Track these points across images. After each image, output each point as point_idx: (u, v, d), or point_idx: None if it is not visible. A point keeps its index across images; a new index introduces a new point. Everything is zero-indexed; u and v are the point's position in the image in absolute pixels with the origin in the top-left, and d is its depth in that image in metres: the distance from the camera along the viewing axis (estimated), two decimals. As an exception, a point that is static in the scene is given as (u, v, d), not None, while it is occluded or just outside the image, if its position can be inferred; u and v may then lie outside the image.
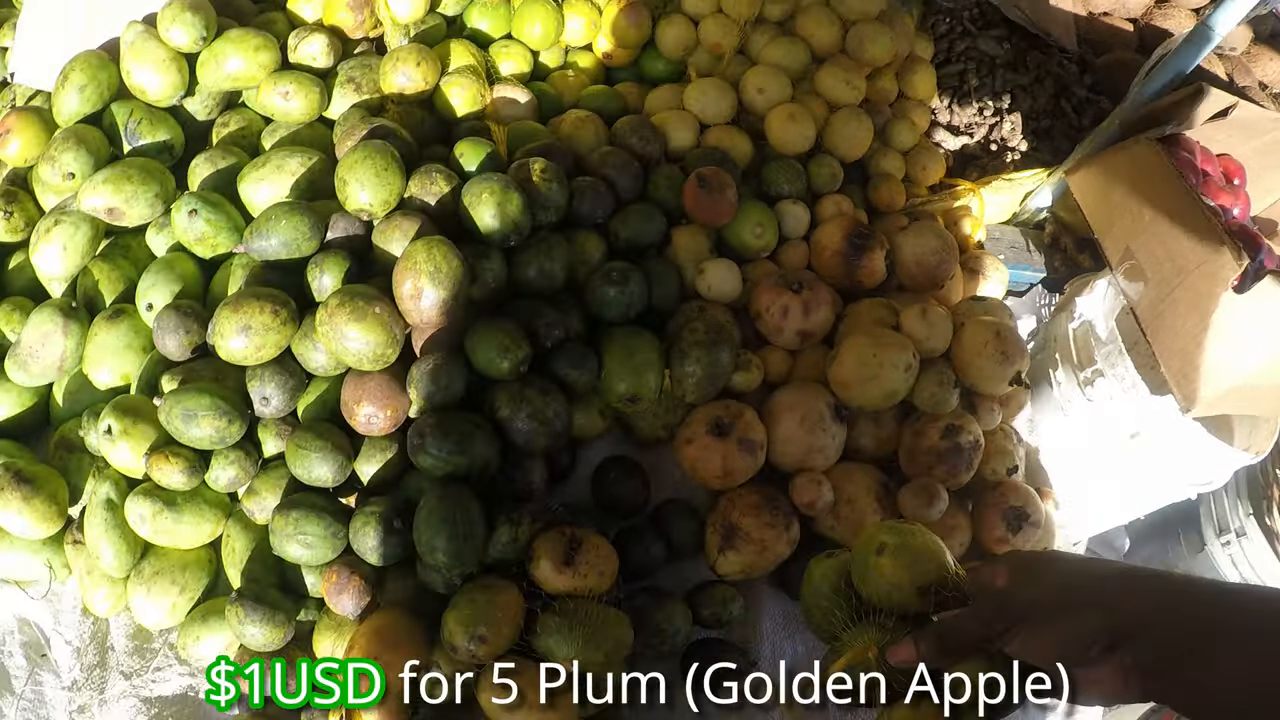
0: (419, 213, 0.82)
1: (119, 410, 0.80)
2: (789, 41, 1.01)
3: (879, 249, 0.94)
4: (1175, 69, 0.97)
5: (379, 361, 0.77)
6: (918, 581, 0.60)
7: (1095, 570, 0.58)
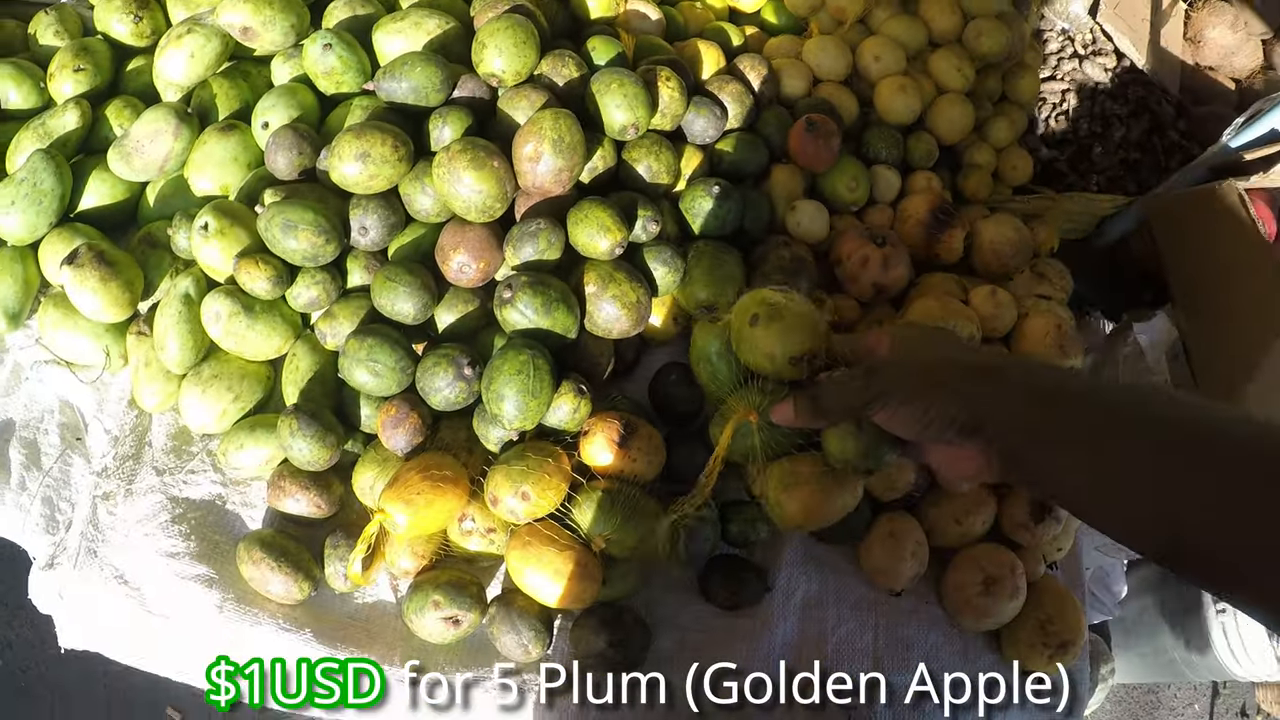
0: (546, 90, 0.86)
1: (218, 210, 0.84)
2: (910, 20, 1.06)
3: (960, 228, 0.99)
4: (1269, 125, 1.03)
5: (485, 213, 0.81)
6: (790, 351, 0.64)
7: (962, 360, 0.62)
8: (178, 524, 0.85)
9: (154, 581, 0.83)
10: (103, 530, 0.85)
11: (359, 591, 0.86)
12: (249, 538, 0.82)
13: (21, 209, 0.89)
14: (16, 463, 0.91)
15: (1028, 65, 1.10)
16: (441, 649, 0.84)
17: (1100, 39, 1.17)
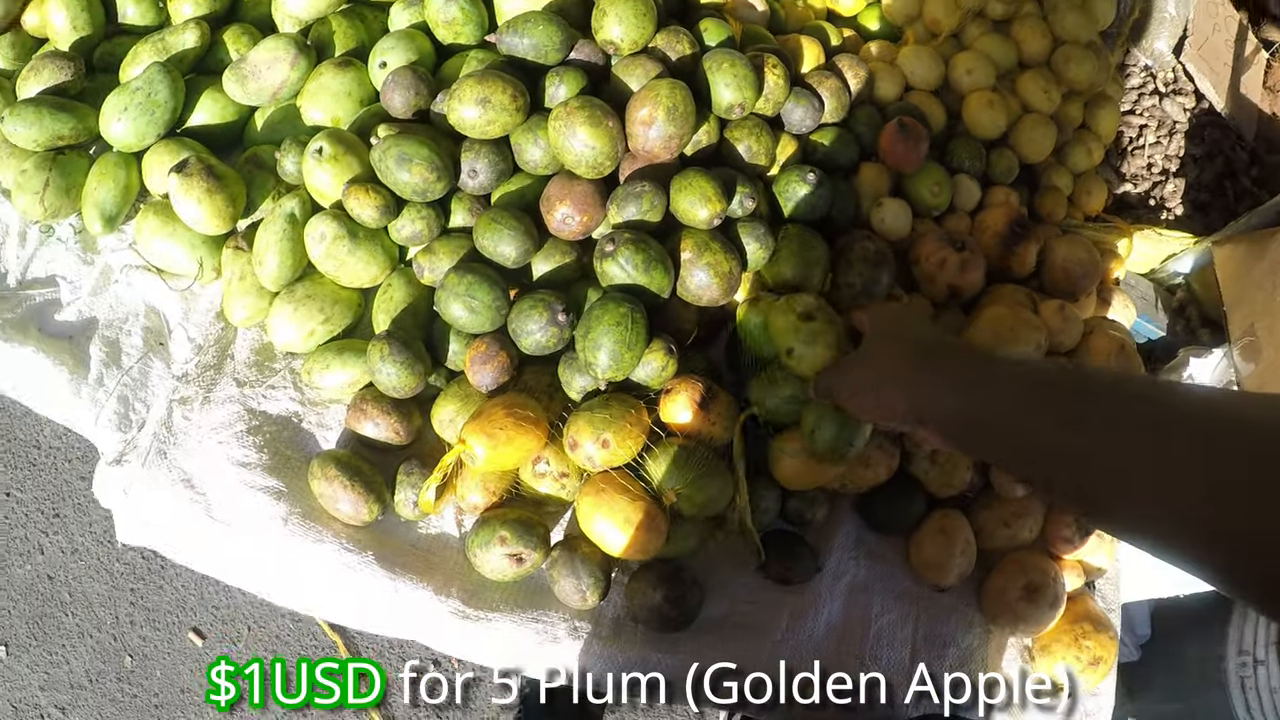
0: (659, 62, 0.91)
1: (334, 137, 0.88)
2: (1002, 39, 1.10)
3: (1035, 243, 1.03)
4: (1343, 179, 1.07)
5: (594, 169, 0.85)
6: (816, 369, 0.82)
7: (914, 347, 0.72)
8: (252, 435, 0.88)
9: (221, 488, 0.85)
10: (175, 433, 0.88)
11: (424, 522, 0.88)
12: (324, 455, 0.85)
13: (133, 117, 0.92)
14: (96, 359, 0.93)
15: (1110, 97, 1.14)
16: (497, 587, 0.86)
17: (1182, 79, 1.22)
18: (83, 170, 0.95)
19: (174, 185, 0.88)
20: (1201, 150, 1.20)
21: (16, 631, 1.45)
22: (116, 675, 1.40)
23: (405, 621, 0.85)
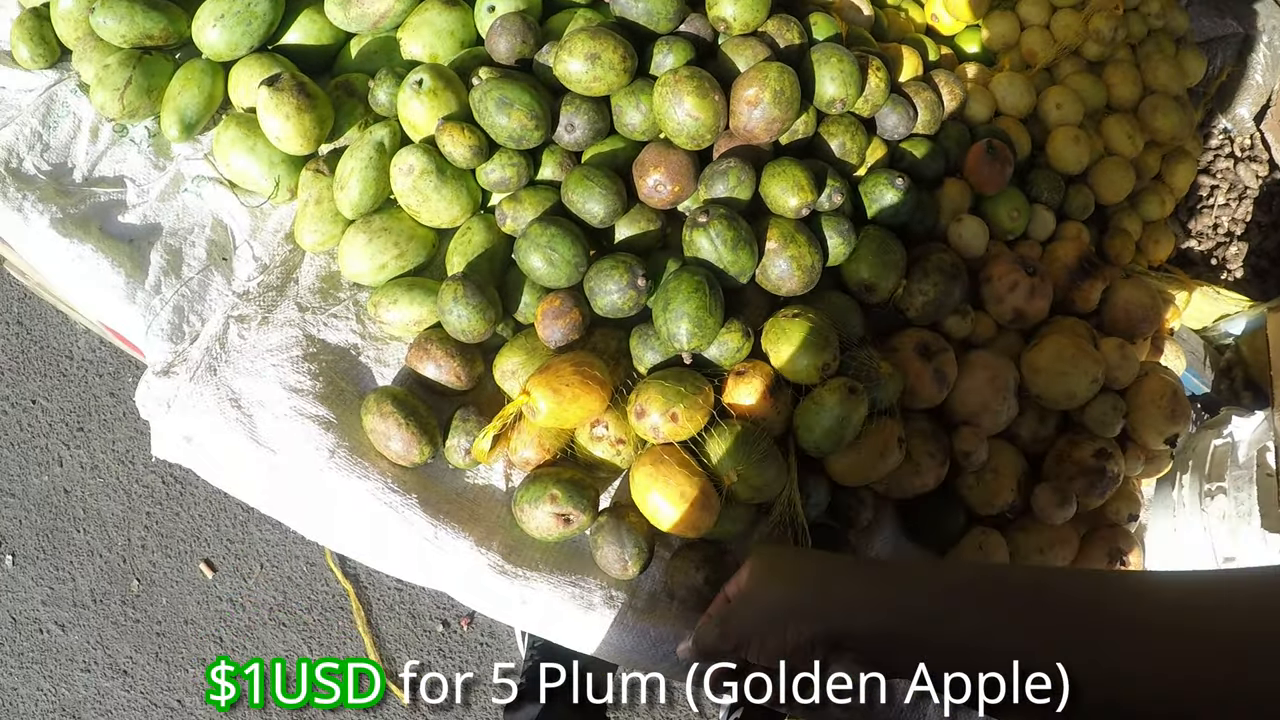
0: (768, 46, 0.89)
1: (435, 70, 0.86)
2: (1094, 80, 1.11)
3: (1102, 281, 1.02)
4: (1403, 264, 1.07)
5: (693, 141, 0.84)
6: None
7: (805, 578, 0.65)
8: (309, 362, 0.86)
9: (270, 412, 0.83)
10: (229, 350, 0.86)
11: (472, 471, 0.86)
12: (381, 390, 0.83)
13: (229, 25, 0.90)
14: (156, 265, 0.91)
15: (1188, 153, 1.14)
16: (537, 546, 0.84)
17: (1258, 146, 1.22)
18: (167, 73, 0.93)
19: (263, 99, 0.86)
20: (1268, 219, 1.20)
21: (25, 542, 1.42)
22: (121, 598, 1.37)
23: (440, 571, 0.83)
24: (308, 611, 1.37)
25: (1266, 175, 1.22)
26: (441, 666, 1.39)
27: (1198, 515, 1.08)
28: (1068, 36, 1.10)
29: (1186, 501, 1.10)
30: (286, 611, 1.36)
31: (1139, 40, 1.13)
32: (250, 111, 0.91)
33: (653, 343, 0.83)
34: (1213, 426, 1.12)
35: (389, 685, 1.37)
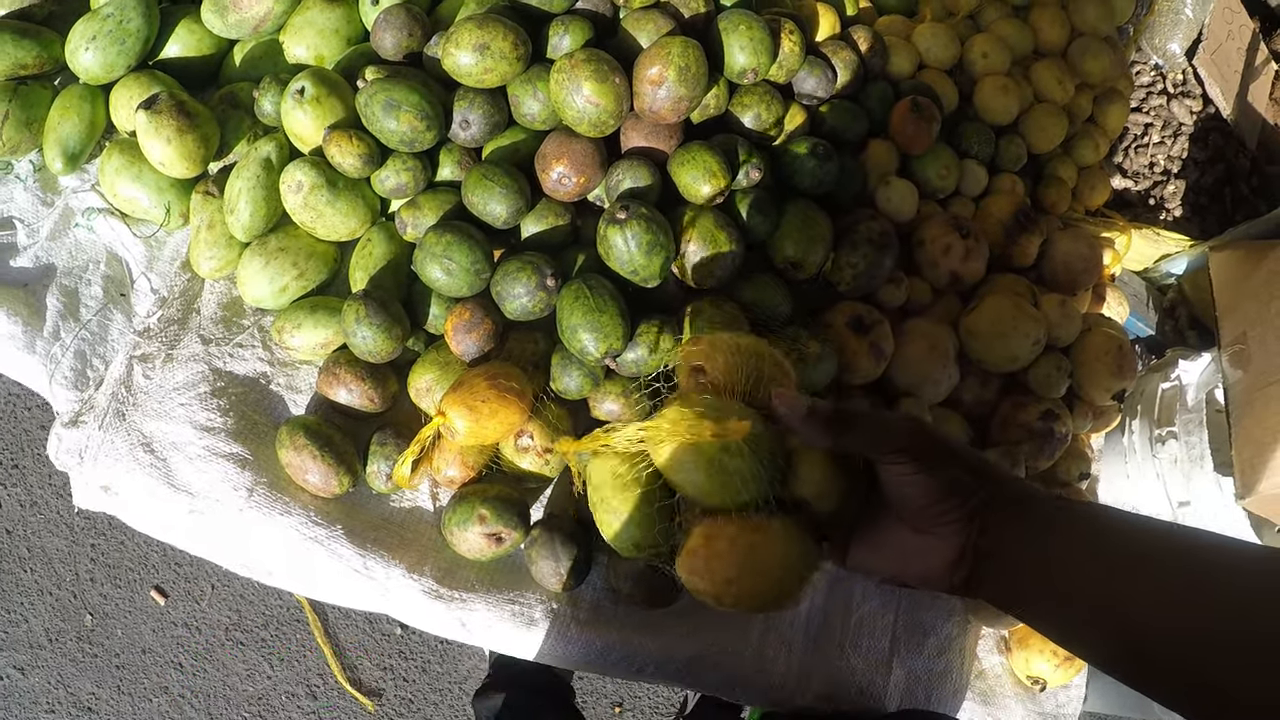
0: (672, 18, 0.81)
1: (318, 77, 0.77)
2: (1020, 24, 1.03)
3: (1038, 235, 0.96)
4: (1343, 191, 1.02)
5: (596, 128, 0.76)
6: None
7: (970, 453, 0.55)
8: (217, 397, 0.78)
9: (183, 454, 0.76)
10: (135, 393, 0.78)
11: (396, 495, 0.80)
12: (292, 422, 0.76)
13: (102, 46, 0.81)
14: (53, 310, 0.83)
15: (1120, 93, 1.07)
16: (472, 566, 0.78)
17: (1191, 82, 1.15)
18: (45, 103, 0.84)
19: (142, 123, 0.78)
20: (1204, 155, 1.14)
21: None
22: (76, 634, 1.30)
23: (375, 598, 0.77)
24: (264, 627, 1.31)
25: (1200, 111, 1.15)
26: (404, 669, 1.34)
27: (1150, 461, 1.03)
28: (989, -20, 1.02)
29: (1138, 448, 1.05)
30: (243, 630, 1.30)
31: (1063, -21, 1.05)
32: (133, 136, 0.83)
33: (572, 369, 0.76)
34: (1159, 369, 1.07)
35: (353, 693, 1.32)
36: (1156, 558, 0.45)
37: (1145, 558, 0.45)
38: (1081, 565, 0.47)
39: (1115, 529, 0.48)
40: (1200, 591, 0.43)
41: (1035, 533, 0.49)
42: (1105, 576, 0.45)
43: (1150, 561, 0.45)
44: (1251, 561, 0.44)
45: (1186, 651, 0.42)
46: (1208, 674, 0.41)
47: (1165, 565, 0.45)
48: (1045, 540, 0.49)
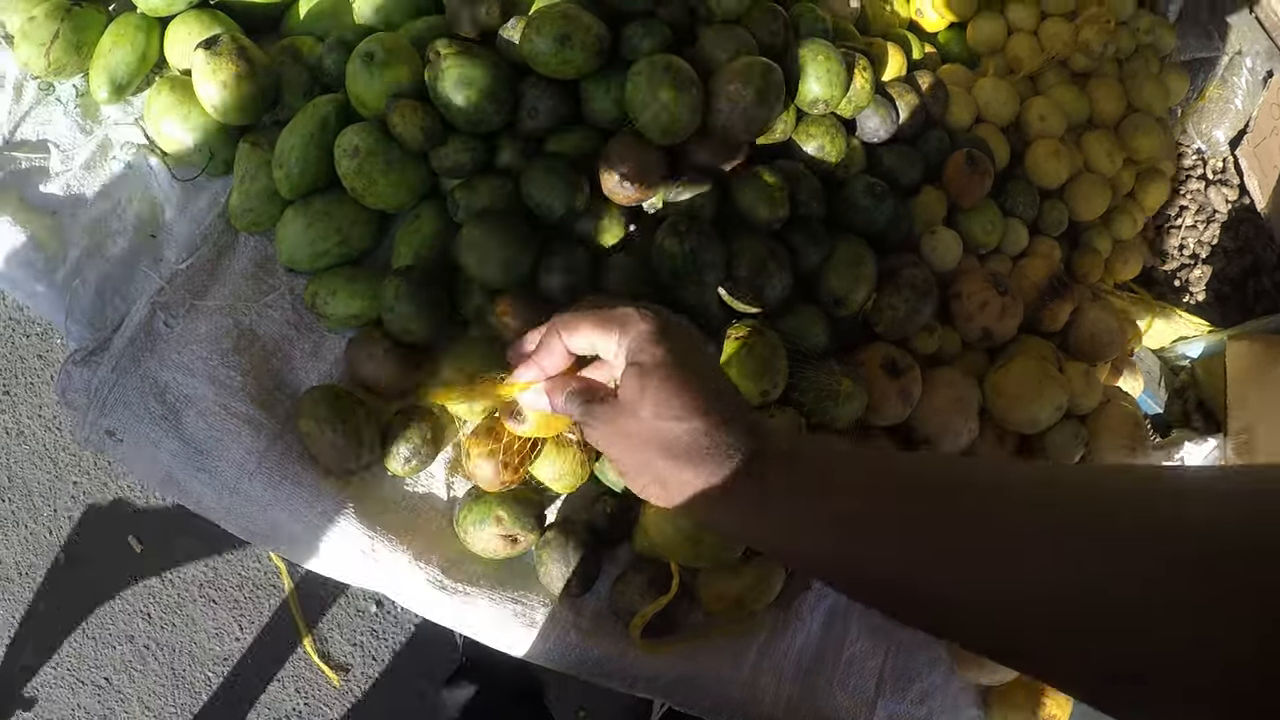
0: (753, 38, 0.79)
1: (388, 43, 0.74)
2: (1078, 92, 1.02)
3: (1070, 302, 0.95)
4: (1363, 298, 1.02)
5: (666, 136, 0.73)
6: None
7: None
8: (239, 355, 0.75)
9: (196, 409, 0.72)
10: (154, 340, 0.74)
11: (411, 479, 0.77)
12: (316, 391, 0.73)
13: (166, -24, 0.78)
14: (78, 242, 0.79)
15: (1163, 173, 1.07)
16: (479, 561, 0.76)
17: (1230, 171, 1.16)
18: (98, 28, 0.80)
19: (199, 62, 0.74)
20: (1234, 244, 1.14)
21: (-53, 512, 1.27)
22: (47, 572, 1.24)
23: (377, 579, 0.74)
24: (238, 589, 1.27)
25: (1236, 200, 1.16)
26: (374, 648, 1.31)
27: (1143, 536, 1.03)
28: (1055, 46, 1.01)
29: (1133, 521, 1.05)
30: (216, 588, 1.26)
31: (1126, 56, 1.05)
32: (186, 74, 0.79)
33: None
34: (1164, 449, 1.07)
35: (321, 666, 1.29)
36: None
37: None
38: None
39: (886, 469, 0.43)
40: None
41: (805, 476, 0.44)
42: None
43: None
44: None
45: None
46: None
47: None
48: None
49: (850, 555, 0.41)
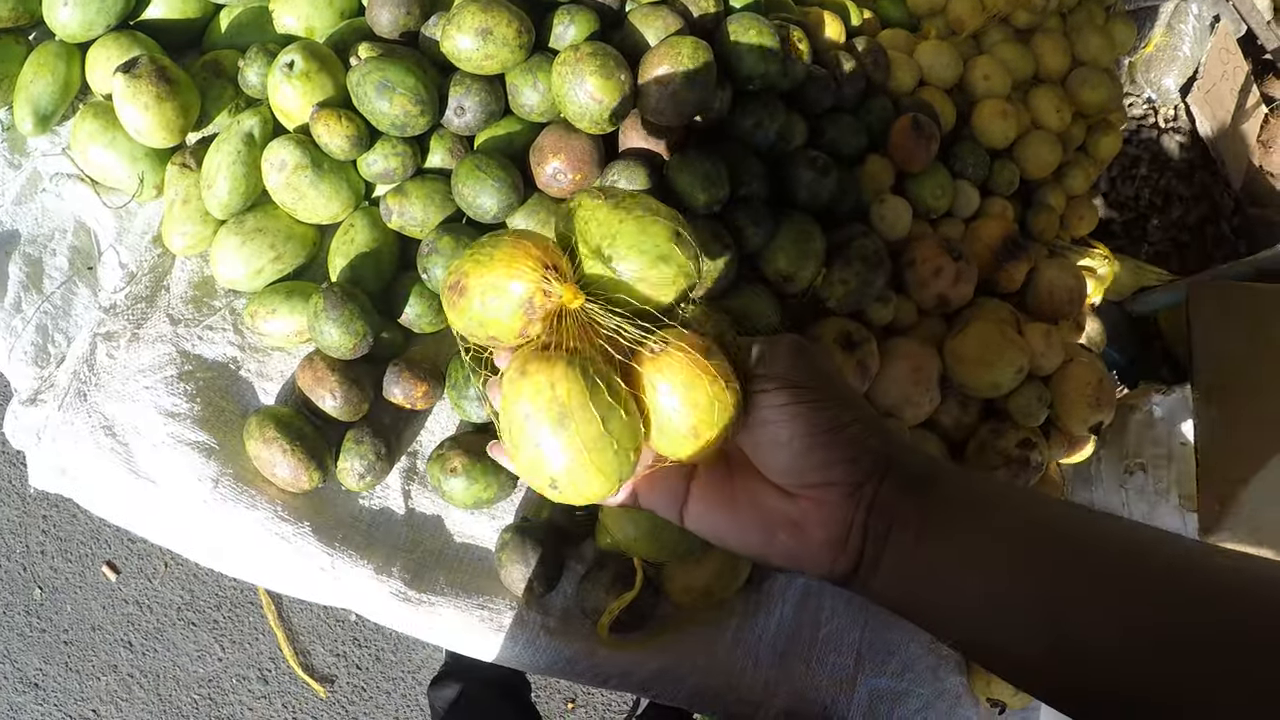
0: (680, 16, 0.77)
1: (308, 51, 0.72)
2: (1022, 49, 1.00)
3: (1026, 262, 0.94)
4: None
5: (595, 124, 0.72)
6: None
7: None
8: (184, 381, 0.74)
9: (146, 440, 0.71)
10: (98, 373, 0.73)
11: (367, 493, 0.76)
12: (263, 412, 0.71)
13: (81, 2, 0.75)
14: (15, 280, 0.77)
15: (1113, 124, 1.06)
16: (441, 568, 0.75)
17: (1182, 118, 1.15)
18: (18, 59, 0.78)
19: (119, 87, 0.72)
20: (1189, 191, 1.13)
21: (-85, 558, 1.25)
22: (25, 608, 1.23)
23: (341, 596, 0.73)
24: (216, 609, 1.26)
25: (1189, 147, 1.15)
26: (357, 657, 1.30)
27: (1116, 491, 1.03)
28: (997, 3, 0.99)
29: (1105, 477, 1.05)
30: (195, 610, 1.25)
31: (1069, 8, 1.03)
32: (109, 99, 0.77)
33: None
34: (1132, 401, 1.07)
35: (306, 679, 1.28)
36: (1096, 552, 0.36)
37: (1084, 552, 0.36)
38: (1006, 567, 0.37)
39: (1043, 520, 0.39)
40: (1156, 590, 0.34)
41: (944, 522, 0.39)
42: (1035, 581, 0.36)
43: (1091, 557, 0.36)
44: (1203, 557, 0.36)
45: (1136, 658, 0.33)
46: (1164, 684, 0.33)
47: (1109, 561, 0.35)
48: (964, 534, 0.38)
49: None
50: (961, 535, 0.39)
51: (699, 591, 0.75)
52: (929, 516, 0.39)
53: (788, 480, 0.40)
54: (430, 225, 0.74)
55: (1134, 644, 0.33)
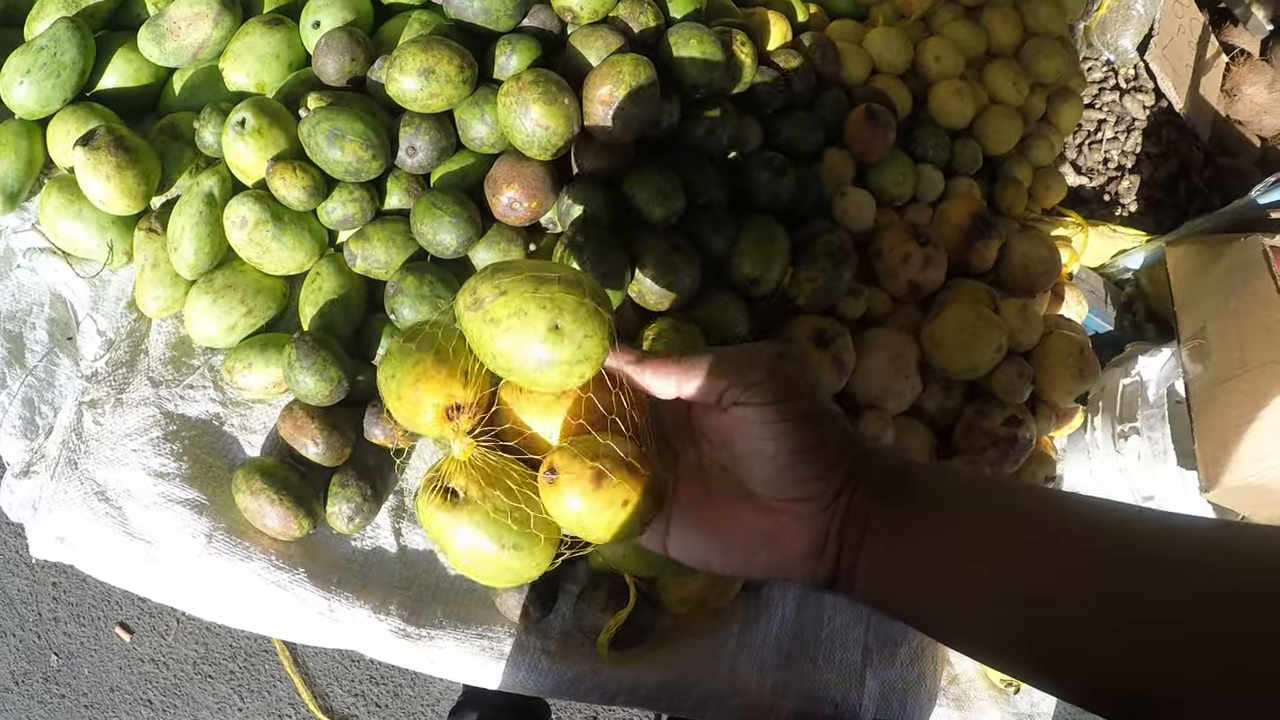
0: (621, 34, 0.78)
1: (259, 107, 0.73)
2: (973, 26, 1.00)
3: (997, 239, 0.94)
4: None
5: (546, 151, 0.73)
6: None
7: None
8: (170, 441, 0.75)
9: (138, 502, 0.72)
10: (86, 440, 0.75)
11: (358, 535, 0.77)
12: (249, 465, 0.73)
13: (37, 80, 0.77)
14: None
15: (1073, 91, 1.05)
16: (438, 602, 0.76)
17: (1143, 76, 1.14)
18: (-19, 140, 0.80)
19: (79, 160, 0.73)
20: (1158, 149, 1.12)
21: (-68, 634, 1.27)
22: (43, 675, 1.24)
23: (341, 638, 0.74)
24: (232, 660, 1.27)
25: (1153, 105, 1.14)
26: (375, 695, 1.31)
27: (1113, 458, 1.03)
28: (942, -17, 1.00)
29: (1100, 444, 1.04)
30: (210, 663, 1.26)
31: (1015, -21, 1.03)
32: (72, 171, 0.79)
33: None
34: (1120, 365, 1.06)
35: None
36: (1060, 535, 0.36)
37: (1054, 535, 0.37)
38: (974, 557, 0.38)
39: (1008, 506, 0.39)
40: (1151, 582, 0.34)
41: (913, 520, 0.40)
42: (1003, 570, 0.37)
43: (1058, 540, 0.36)
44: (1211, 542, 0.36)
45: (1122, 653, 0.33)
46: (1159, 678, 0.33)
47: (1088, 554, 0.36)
48: (933, 530, 0.39)
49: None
50: (930, 531, 0.40)
51: (695, 602, 0.75)
52: (899, 518, 0.40)
53: (767, 491, 0.41)
54: (394, 266, 0.75)
55: (1103, 630, 0.34)
